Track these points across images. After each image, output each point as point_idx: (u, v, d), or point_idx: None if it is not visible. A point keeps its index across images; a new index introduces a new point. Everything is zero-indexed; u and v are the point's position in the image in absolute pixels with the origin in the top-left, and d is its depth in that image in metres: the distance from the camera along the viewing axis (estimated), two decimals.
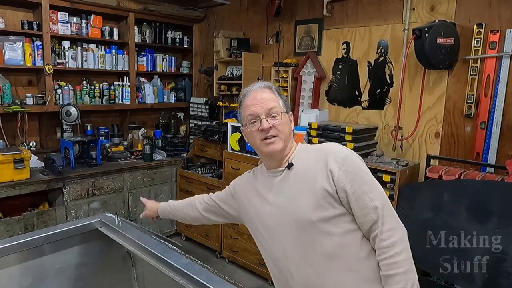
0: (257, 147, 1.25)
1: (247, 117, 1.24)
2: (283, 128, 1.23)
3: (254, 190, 1.34)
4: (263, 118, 1.20)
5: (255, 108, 1.22)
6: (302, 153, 1.28)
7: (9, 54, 3.22)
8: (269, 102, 1.22)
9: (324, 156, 1.20)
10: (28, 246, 1.69)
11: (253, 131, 1.23)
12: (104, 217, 1.94)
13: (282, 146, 1.22)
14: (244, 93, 1.29)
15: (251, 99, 1.24)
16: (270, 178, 1.29)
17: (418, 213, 2.33)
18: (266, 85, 1.28)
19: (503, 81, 2.41)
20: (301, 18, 3.53)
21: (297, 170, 1.23)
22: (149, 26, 4.13)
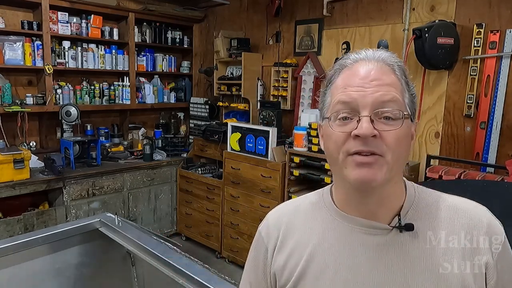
0: (337, 163, 0.70)
1: (335, 104, 0.69)
2: (398, 145, 0.66)
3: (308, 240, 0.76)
4: (365, 116, 0.65)
5: (356, 92, 0.67)
6: (425, 206, 0.73)
7: (9, 54, 3.22)
8: (385, 89, 0.66)
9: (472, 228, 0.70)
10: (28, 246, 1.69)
11: (338, 133, 0.68)
12: (104, 217, 1.94)
13: (384, 177, 0.66)
14: (341, 62, 0.73)
15: (354, 74, 0.69)
16: (357, 234, 0.72)
17: None
18: (387, 58, 0.70)
19: (503, 81, 2.41)
20: (301, 18, 3.53)
21: (418, 239, 0.69)
22: (149, 26, 4.13)
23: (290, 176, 3.11)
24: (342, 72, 0.71)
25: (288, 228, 0.79)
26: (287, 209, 0.84)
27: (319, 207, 0.79)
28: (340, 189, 0.76)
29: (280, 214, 0.84)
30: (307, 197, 0.84)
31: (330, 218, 0.76)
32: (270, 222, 0.83)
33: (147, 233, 1.79)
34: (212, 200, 3.67)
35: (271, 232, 0.81)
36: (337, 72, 0.72)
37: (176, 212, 4.05)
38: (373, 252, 0.70)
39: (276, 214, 0.84)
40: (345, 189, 0.74)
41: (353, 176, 0.66)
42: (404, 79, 0.71)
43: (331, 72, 0.74)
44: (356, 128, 0.65)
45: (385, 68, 0.69)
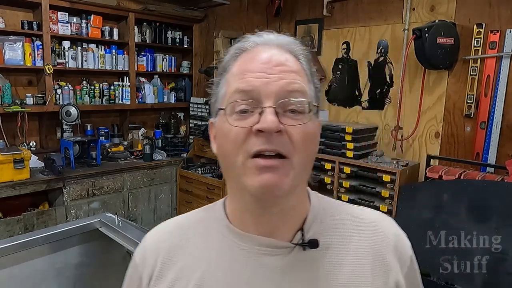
0: (235, 167, 0.57)
1: (232, 94, 0.57)
2: (306, 144, 0.57)
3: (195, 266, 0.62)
4: (269, 107, 0.54)
5: (257, 78, 0.56)
6: (330, 219, 0.65)
7: (9, 54, 3.22)
8: (291, 76, 0.57)
9: (380, 245, 0.63)
10: (28, 246, 1.69)
11: (237, 129, 0.56)
12: (104, 217, 1.94)
13: (291, 184, 0.56)
14: (238, 46, 0.62)
15: (254, 58, 0.59)
16: (254, 255, 0.60)
17: (418, 213, 2.33)
18: (291, 44, 0.62)
19: (503, 81, 2.41)
20: (301, 18, 3.53)
21: (324, 257, 0.61)
22: (149, 26, 4.13)
23: None
24: (241, 57, 0.60)
25: (169, 253, 0.65)
26: (168, 229, 0.69)
27: (209, 225, 0.65)
28: (235, 202, 0.63)
29: (160, 235, 0.68)
30: (194, 214, 0.70)
31: (221, 238, 0.63)
32: (147, 246, 0.68)
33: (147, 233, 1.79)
34: (212, 200, 3.63)
35: (148, 257, 0.66)
36: (234, 57, 0.61)
37: (176, 212, 4.05)
38: (274, 276, 0.59)
39: (155, 236, 0.69)
40: (242, 201, 0.61)
41: (255, 184, 0.54)
42: (309, 69, 0.62)
43: (227, 57, 0.62)
44: (258, 122, 0.54)
45: (289, 55, 0.60)
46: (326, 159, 2.87)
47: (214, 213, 0.67)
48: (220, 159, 0.61)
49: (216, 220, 0.65)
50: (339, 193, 2.79)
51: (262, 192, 0.55)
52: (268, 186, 0.54)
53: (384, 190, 2.58)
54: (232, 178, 0.60)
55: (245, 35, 0.63)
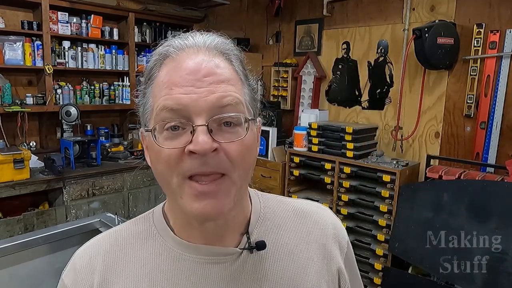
0: (170, 189, 0.55)
1: (159, 111, 0.52)
2: (245, 157, 0.54)
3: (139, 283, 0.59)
4: (201, 125, 0.51)
5: (186, 94, 0.51)
6: (272, 218, 0.65)
7: (9, 54, 3.22)
8: (223, 87, 0.52)
9: (321, 236, 0.66)
10: (28, 246, 1.69)
11: (169, 151, 0.51)
12: (104, 217, 1.94)
13: (233, 204, 0.54)
14: (162, 51, 0.56)
15: (180, 68, 0.53)
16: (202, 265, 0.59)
17: (418, 213, 2.33)
18: (221, 45, 0.57)
19: (503, 81, 2.41)
20: (301, 18, 3.53)
21: (272, 257, 0.62)
22: (149, 26, 4.13)
23: (290, 176, 3.11)
24: (165, 64, 0.54)
25: (107, 270, 0.60)
26: (103, 247, 0.62)
27: (150, 236, 0.62)
28: (176, 213, 0.61)
29: (93, 253, 0.62)
30: (130, 224, 0.65)
31: (166, 249, 0.60)
32: (78, 265, 0.62)
33: None
34: None
35: (81, 279, 0.60)
36: (158, 63, 0.55)
37: None
38: (224, 284, 0.58)
39: (87, 255, 0.62)
40: (183, 215, 0.58)
41: (193, 210, 0.52)
42: (242, 70, 0.57)
43: (150, 64, 0.57)
44: (191, 142, 0.50)
45: (219, 58, 0.54)
46: (326, 159, 2.87)
47: (154, 225, 0.63)
48: (156, 176, 0.57)
49: (158, 231, 0.62)
50: (339, 193, 2.79)
51: (202, 218, 0.54)
52: (208, 213, 0.52)
53: (384, 190, 2.58)
54: (169, 195, 0.57)
55: (169, 38, 0.58)
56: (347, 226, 2.74)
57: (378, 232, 2.61)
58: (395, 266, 2.52)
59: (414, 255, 2.29)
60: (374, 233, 2.63)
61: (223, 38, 0.58)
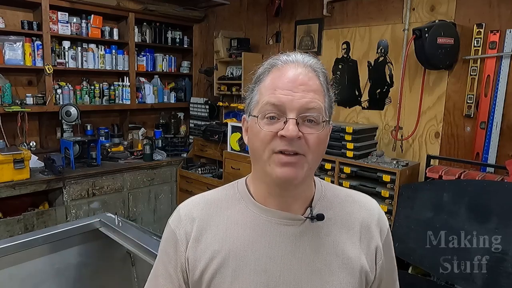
0: (261, 159, 0.73)
1: (264, 104, 0.72)
2: (318, 146, 0.73)
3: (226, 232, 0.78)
4: (292, 118, 0.70)
5: (285, 95, 0.71)
6: (330, 199, 0.83)
7: (9, 54, 3.22)
8: (311, 95, 0.72)
9: (367, 219, 0.82)
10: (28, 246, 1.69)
11: (266, 132, 0.71)
12: (104, 217, 1.94)
13: (304, 176, 0.73)
14: (271, 62, 0.76)
15: (283, 76, 0.73)
16: (274, 225, 0.76)
17: (418, 213, 2.33)
18: (314, 64, 0.76)
19: (503, 81, 2.41)
20: (301, 18, 3.53)
21: (327, 227, 0.79)
22: (149, 26, 4.13)
23: None
24: (272, 72, 0.75)
25: (203, 221, 0.79)
26: (201, 202, 0.83)
27: (236, 200, 0.81)
28: (259, 183, 0.79)
29: (193, 206, 0.83)
30: (219, 191, 0.85)
31: (247, 211, 0.79)
32: (182, 214, 0.82)
33: (147, 233, 1.79)
34: None
35: (184, 224, 0.80)
36: (267, 71, 0.76)
37: None
38: (290, 242, 0.76)
39: (188, 207, 0.83)
40: (265, 183, 0.77)
41: (277, 174, 0.71)
42: (326, 85, 0.77)
43: (261, 70, 0.77)
44: (282, 129, 0.70)
45: (311, 74, 0.74)
46: (326, 159, 2.87)
47: (238, 191, 0.82)
48: (250, 150, 0.78)
49: (241, 196, 0.81)
50: None
51: (282, 181, 0.72)
52: (287, 177, 0.71)
53: (384, 190, 2.58)
54: (258, 166, 0.76)
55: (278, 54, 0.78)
56: None
57: None
58: None
59: (414, 255, 2.28)
60: None
61: (315, 59, 0.78)
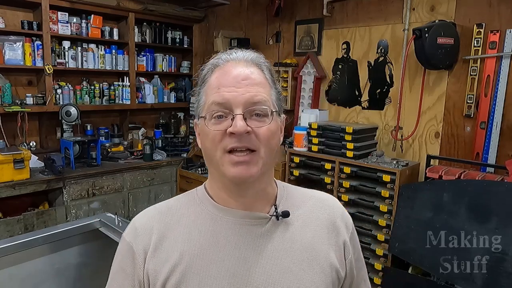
0: (214, 161, 0.72)
1: (210, 105, 0.72)
2: (270, 139, 0.72)
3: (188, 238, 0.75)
4: (239, 114, 0.69)
5: (229, 92, 0.70)
6: (293, 197, 0.82)
7: (9, 54, 3.22)
8: (255, 89, 0.71)
9: (331, 215, 0.82)
10: (28, 246, 1.69)
11: (215, 132, 0.70)
12: (104, 217, 1.94)
13: (259, 171, 0.71)
14: (214, 62, 0.77)
15: (226, 74, 0.73)
16: (239, 226, 0.74)
17: (418, 213, 2.33)
18: (255, 58, 0.77)
19: (503, 81, 2.41)
20: (301, 18, 3.53)
21: (293, 225, 0.78)
22: (149, 26, 4.13)
23: (290, 176, 3.11)
24: (215, 72, 0.75)
25: (161, 230, 0.76)
26: (157, 212, 0.80)
27: (195, 205, 0.79)
28: (217, 185, 0.77)
29: (149, 217, 0.79)
30: (177, 198, 0.83)
31: (208, 214, 0.77)
32: (138, 226, 0.78)
33: None
34: None
35: (141, 236, 0.76)
36: (210, 71, 0.76)
37: None
38: (256, 241, 0.74)
39: (144, 218, 0.79)
40: (223, 184, 0.75)
41: (231, 174, 0.70)
42: (271, 77, 0.77)
43: (204, 71, 0.77)
44: (231, 126, 0.69)
45: (253, 68, 0.74)
46: (326, 159, 2.87)
47: (198, 197, 0.80)
48: (203, 152, 0.76)
49: (202, 201, 0.79)
50: (339, 193, 2.79)
51: (237, 180, 0.71)
52: (241, 176, 0.70)
53: (384, 190, 2.58)
54: (213, 167, 0.75)
55: (217, 53, 0.78)
56: None
57: (378, 232, 2.61)
58: (395, 266, 2.52)
59: (414, 255, 2.28)
60: (374, 233, 2.63)
61: (257, 54, 0.78)
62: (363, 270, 0.89)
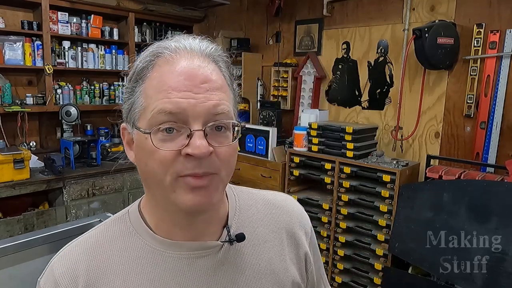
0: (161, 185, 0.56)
1: (156, 113, 0.54)
2: (230, 159, 0.58)
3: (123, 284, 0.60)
4: (198, 130, 0.53)
5: (184, 99, 0.53)
6: (247, 210, 0.69)
7: (9, 54, 3.22)
8: (217, 95, 0.55)
9: (289, 225, 0.71)
10: (28, 246, 1.69)
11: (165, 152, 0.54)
12: (104, 217, 1.93)
13: (219, 197, 0.61)
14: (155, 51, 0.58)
15: (177, 71, 0.55)
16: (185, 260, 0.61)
17: (418, 213, 2.33)
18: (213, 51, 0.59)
19: (503, 81, 2.41)
20: (301, 18, 3.53)
21: (249, 247, 0.66)
22: (149, 26, 4.13)
23: (290, 176, 3.11)
24: (158, 65, 0.56)
25: (89, 276, 0.60)
26: (82, 251, 0.63)
27: (129, 236, 0.63)
28: (159, 212, 0.62)
29: (73, 259, 0.62)
30: (105, 228, 0.65)
31: (147, 249, 0.61)
32: (57, 275, 0.62)
33: None
34: None
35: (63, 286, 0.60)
36: (150, 64, 0.57)
37: None
38: (205, 275, 0.61)
39: (66, 262, 0.62)
40: (168, 212, 0.60)
41: (187, 203, 0.55)
42: (229, 75, 0.61)
43: (142, 63, 0.58)
44: (187, 145, 0.53)
45: (212, 65, 0.57)
46: (326, 159, 2.87)
47: (132, 225, 0.64)
48: (142, 172, 0.60)
49: (137, 231, 0.63)
50: (339, 193, 2.79)
51: (194, 209, 0.56)
52: (200, 204, 0.55)
53: (384, 190, 2.58)
54: (158, 192, 0.58)
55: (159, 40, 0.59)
56: (347, 226, 2.75)
57: (378, 232, 2.61)
58: (395, 266, 2.52)
59: (414, 255, 2.29)
60: (374, 233, 2.63)
61: (214, 44, 0.60)
62: (323, 275, 0.79)
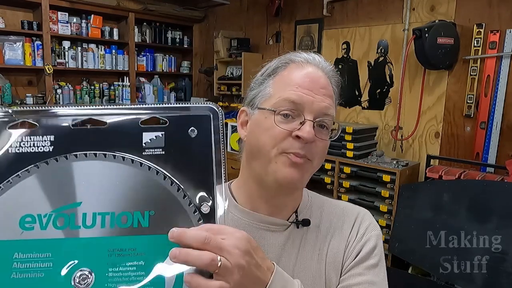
0: (265, 157, 0.67)
1: (282, 100, 0.67)
2: (323, 153, 0.71)
3: None
4: (310, 120, 0.66)
5: (307, 95, 0.67)
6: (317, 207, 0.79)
7: (9, 54, 3.22)
8: (329, 101, 0.69)
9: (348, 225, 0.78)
10: None
11: (280, 130, 0.66)
12: None
13: (306, 180, 0.70)
14: (289, 57, 0.73)
15: (305, 75, 0.69)
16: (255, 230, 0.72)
17: (418, 213, 2.33)
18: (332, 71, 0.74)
19: (503, 81, 2.41)
20: (301, 18, 3.53)
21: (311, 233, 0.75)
22: (149, 26, 4.13)
23: None
24: (290, 67, 0.71)
25: None
26: None
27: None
28: (250, 185, 0.73)
29: None
30: None
31: (229, 215, 0.72)
32: None
33: None
34: None
35: None
36: (284, 65, 0.72)
37: None
38: (273, 248, 0.71)
39: None
40: (258, 185, 0.71)
41: (283, 174, 0.66)
42: (337, 92, 0.74)
43: (276, 64, 0.73)
44: (298, 129, 0.65)
45: (329, 80, 0.72)
46: (326, 159, 2.84)
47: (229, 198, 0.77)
48: (249, 145, 0.71)
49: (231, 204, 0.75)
50: (339, 193, 2.79)
51: (286, 181, 0.67)
52: (293, 178, 0.66)
53: (384, 190, 2.58)
54: (258, 163, 0.69)
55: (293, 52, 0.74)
56: None
57: None
58: (395, 266, 2.52)
59: (414, 255, 2.28)
60: None
61: (329, 63, 0.75)
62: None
